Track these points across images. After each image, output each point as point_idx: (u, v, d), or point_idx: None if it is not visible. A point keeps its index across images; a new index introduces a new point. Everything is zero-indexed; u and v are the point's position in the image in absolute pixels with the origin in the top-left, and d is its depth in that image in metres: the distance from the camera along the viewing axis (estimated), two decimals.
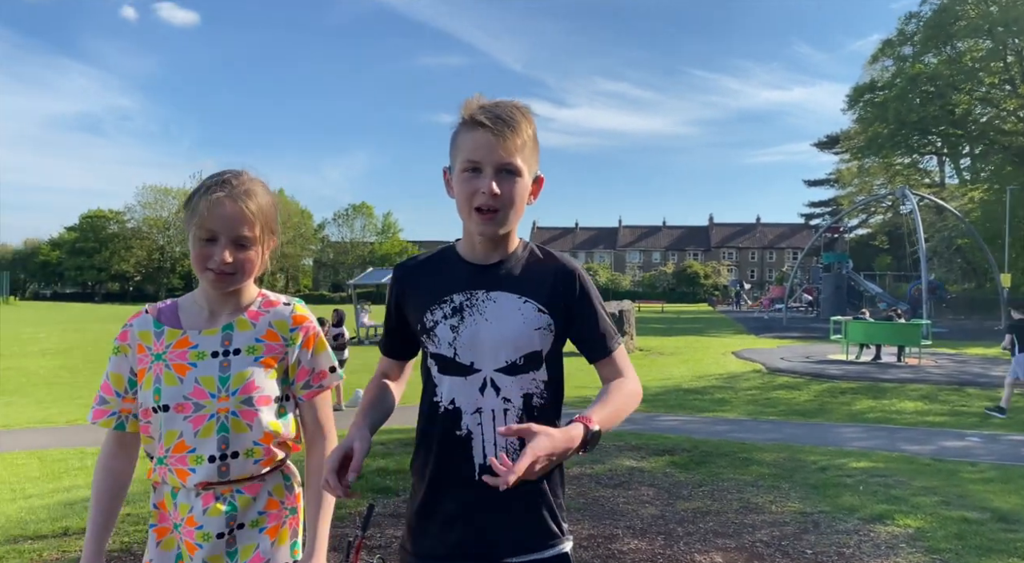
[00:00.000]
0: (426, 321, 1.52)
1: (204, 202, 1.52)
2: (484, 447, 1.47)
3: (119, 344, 1.63)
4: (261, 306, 1.64)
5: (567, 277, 1.55)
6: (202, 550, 1.52)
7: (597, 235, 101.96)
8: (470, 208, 1.45)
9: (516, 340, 1.48)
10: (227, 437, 1.53)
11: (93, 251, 77.86)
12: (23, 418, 10.03)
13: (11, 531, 4.35)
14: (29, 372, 15.47)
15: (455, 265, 1.55)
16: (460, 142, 1.48)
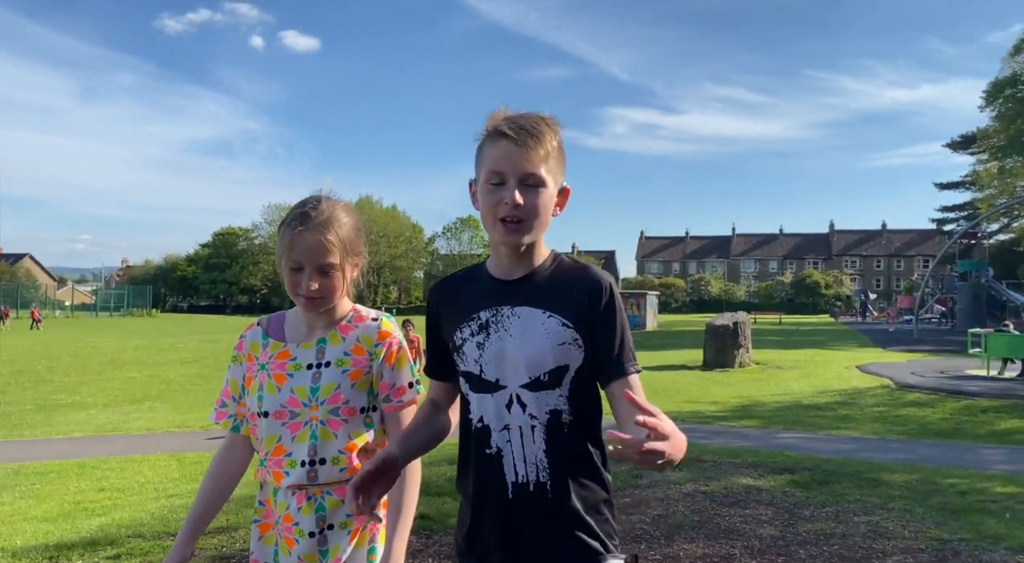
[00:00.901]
0: (456, 339, 1.52)
1: (288, 234, 1.64)
2: (515, 465, 1.45)
3: (236, 353, 1.80)
4: (352, 321, 1.74)
5: (595, 289, 1.48)
6: (298, 546, 1.63)
7: (709, 244, 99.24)
8: (494, 219, 1.44)
9: (540, 356, 1.45)
10: (316, 444, 1.64)
11: (224, 266, 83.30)
12: (164, 422, 10.82)
13: (155, 528, 4.69)
14: (168, 380, 16.69)
15: (483, 281, 1.55)
16: (484, 154, 1.47)
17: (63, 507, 5.82)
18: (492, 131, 1.46)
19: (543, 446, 1.45)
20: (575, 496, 1.45)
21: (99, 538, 4.44)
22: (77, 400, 13.23)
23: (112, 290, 79.17)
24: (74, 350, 25.42)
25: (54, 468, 7.63)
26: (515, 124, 1.43)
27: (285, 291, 1.74)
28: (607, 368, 1.47)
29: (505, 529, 1.46)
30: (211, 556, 4.02)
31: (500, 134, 1.44)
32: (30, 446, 9.12)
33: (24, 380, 16.30)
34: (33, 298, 67.39)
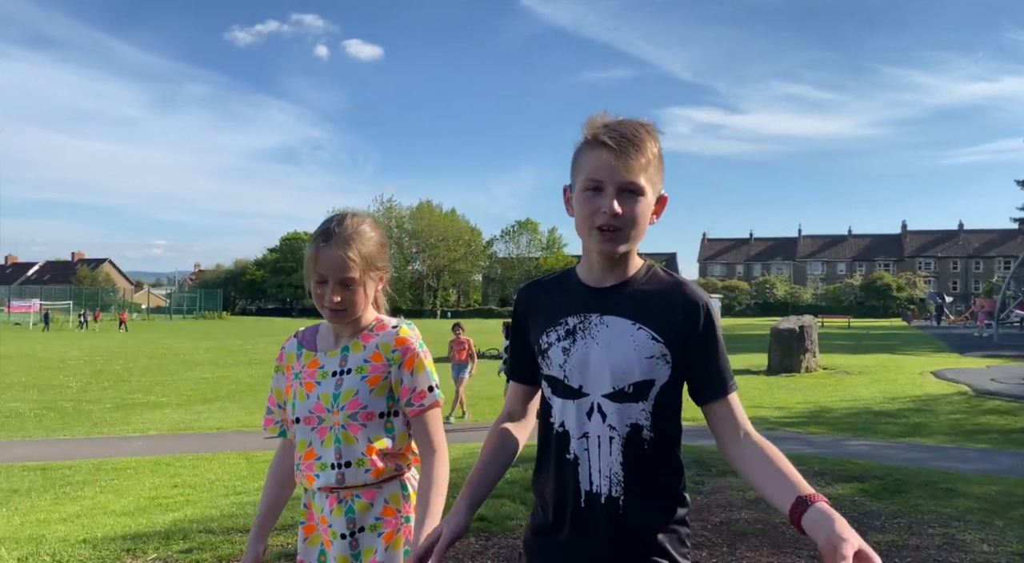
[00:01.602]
0: (542, 343, 1.52)
1: (313, 249, 1.74)
2: (591, 473, 1.44)
3: (277, 363, 1.90)
4: (374, 329, 1.81)
5: (691, 307, 1.45)
6: (334, 547, 1.72)
7: (774, 246, 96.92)
8: (591, 227, 1.42)
9: (625, 367, 1.43)
10: (340, 448, 1.71)
11: (291, 270, 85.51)
12: (234, 422, 11.18)
13: (224, 523, 4.85)
14: (238, 380, 17.23)
15: (573, 287, 1.53)
16: (582, 161, 1.45)
17: (139, 502, 6.08)
18: (591, 139, 1.43)
19: (619, 458, 1.43)
20: (648, 515, 1.43)
21: (172, 532, 4.61)
22: (152, 399, 13.80)
23: (185, 293, 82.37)
24: (149, 351, 26.51)
25: (131, 464, 7.97)
26: (615, 132, 1.40)
27: None
28: (708, 386, 1.46)
29: (575, 536, 1.45)
30: (277, 553, 4.12)
31: (599, 142, 1.41)
32: (110, 443, 9.55)
33: (104, 380, 17.08)
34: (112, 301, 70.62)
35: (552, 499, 1.49)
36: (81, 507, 6.03)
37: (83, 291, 71.18)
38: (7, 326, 47.73)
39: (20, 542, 4.63)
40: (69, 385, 16.00)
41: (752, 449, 1.39)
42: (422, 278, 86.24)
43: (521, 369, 1.62)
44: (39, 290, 69.70)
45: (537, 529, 1.54)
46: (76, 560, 4.13)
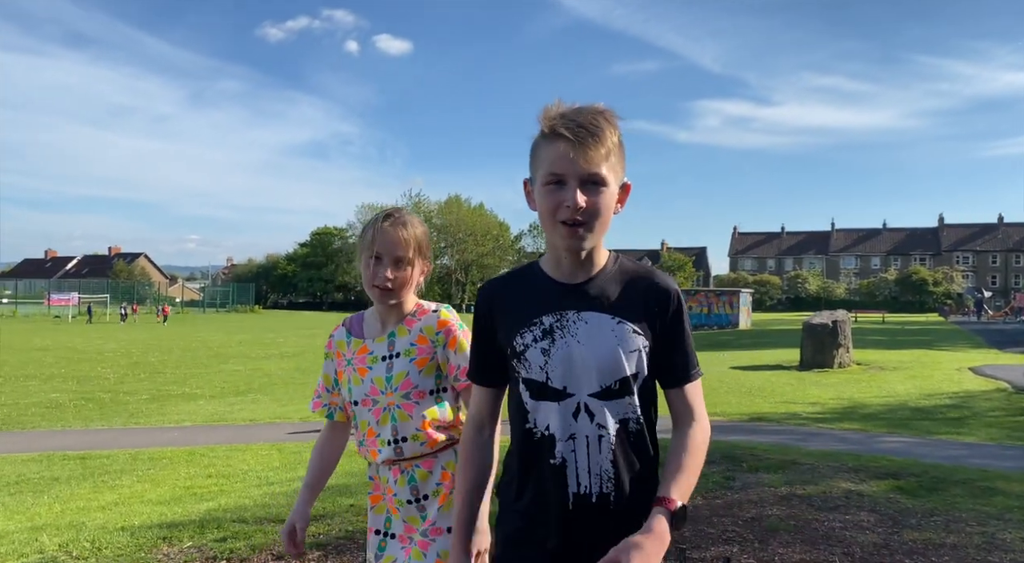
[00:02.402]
0: (516, 345, 1.46)
1: (372, 230, 1.90)
2: (578, 475, 1.41)
3: (327, 351, 2.06)
4: (416, 315, 1.95)
5: (663, 295, 1.46)
6: (401, 512, 1.92)
7: (806, 240, 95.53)
8: (555, 221, 1.39)
9: (611, 363, 1.41)
10: (396, 425, 1.88)
11: (321, 264, 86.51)
12: (266, 414, 11.34)
13: (257, 513, 4.92)
14: (270, 373, 17.49)
15: (542, 284, 1.48)
16: (541, 154, 1.41)
17: (175, 491, 6.19)
18: (548, 131, 1.39)
19: (609, 456, 1.41)
20: (639, 506, 1.41)
21: (207, 521, 4.70)
22: (187, 391, 14.05)
23: (218, 287, 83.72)
24: (184, 344, 27.00)
25: (167, 455, 8.13)
26: (572, 122, 1.36)
27: None
28: (676, 373, 1.48)
29: (566, 541, 1.42)
30: (309, 543, 4.17)
31: (557, 134, 1.37)
32: (146, 433, 9.75)
33: (140, 372, 17.44)
34: (148, 295, 71.98)
35: (532, 507, 1.45)
36: (119, 495, 6.17)
37: (120, 285, 72.72)
38: (47, 319, 48.92)
39: (61, 529, 4.75)
40: (107, 376, 16.36)
41: (678, 440, 1.45)
42: (450, 272, 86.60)
43: (490, 373, 1.55)
44: (77, 284, 71.38)
45: (516, 540, 1.48)
46: (114, 547, 4.22)
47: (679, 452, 1.43)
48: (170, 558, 4.01)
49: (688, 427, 1.46)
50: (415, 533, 1.89)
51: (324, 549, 4.08)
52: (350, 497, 5.20)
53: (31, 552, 4.20)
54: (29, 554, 4.17)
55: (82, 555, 4.10)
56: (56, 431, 10.02)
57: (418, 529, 1.89)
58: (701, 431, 1.46)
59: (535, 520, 1.45)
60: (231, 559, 3.96)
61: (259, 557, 3.98)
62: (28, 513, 5.66)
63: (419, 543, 1.87)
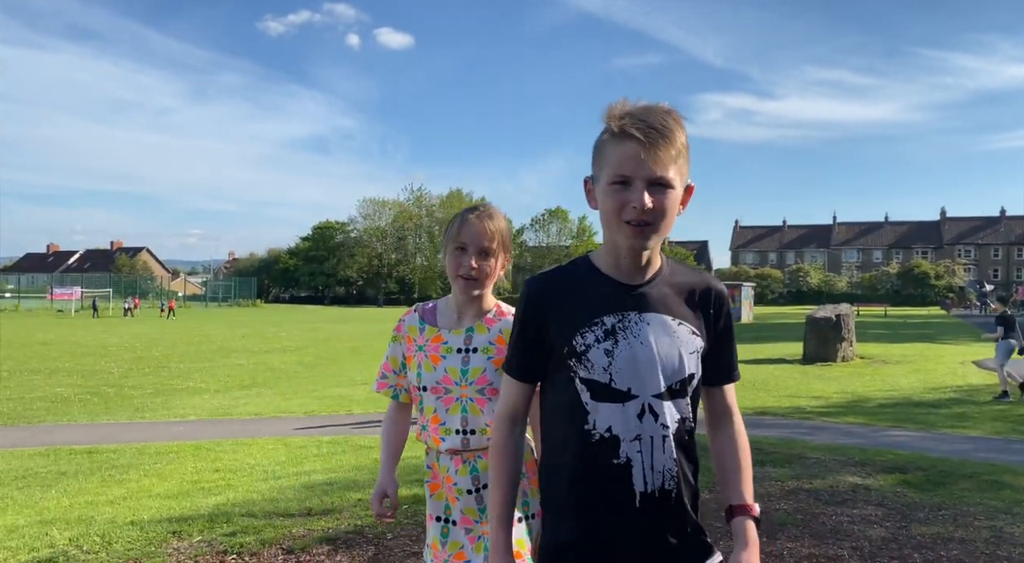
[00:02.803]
0: (576, 344, 1.43)
1: (459, 222, 1.97)
2: (644, 474, 1.41)
3: (395, 334, 2.09)
4: (496, 315, 2.00)
5: (718, 298, 1.52)
6: (459, 502, 1.94)
7: (808, 234, 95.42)
8: (620, 221, 1.39)
9: (673, 364, 1.43)
10: (467, 417, 1.92)
11: (323, 259, 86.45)
12: (270, 408, 11.35)
13: (265, 507, 4.93)
14: (273, 367, 17.50)
15: (600, 283, 1.47)
16: (608, 152, 1.40)
17: (182, 486, 6.21)
18: (618, 130, 1.38)
19: (672, 454, 1.44)
20: (690, 499, 1.47)
21: (216, 516, 4.71)
22: (191, 385, 14.07)
23: (220, 282, 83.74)
24: (187, 338, 27.02)
25: (173, 449, 8.15)
26: (643, 123, 1.35)
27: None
28: (723, 371, 1.55)
29: (634, 540, 1.42)
30: (318, 537, 4.19)
31: (626, 134, 1.36)
32: (151, 428, 9.77)
33: (144, 366, 17.46)
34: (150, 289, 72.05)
35: (593, 508, 1.43)
36: (127, 490, 6.18)
37: (122, 279, 72.78)
38: (50, 313, 48.99)
39: (70, 523, 4.77)
40: (111, 371, 16.38)
41: (728, 443, 1.55)
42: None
43: (532, 369, 1.53)
44: (80, 278, 71.44)
45: (575, 545, 1.44)
46: (124, 541, 4.23)
47: (736, 453, 1.52)
48: (180, 552, 4.02)
49: (732, 426, 1.55)
50: (473, 525, 1.92)
51: (334, 543, 4.09)
52: (357, 492, 5.21)
53: (42, 546, 4.21)
54: (40, 548, 4.18)
55: (92, 549, 4.11)
56: (62, 425, 10.05)
57: (477, 522, 1.92)
58: (743, 429, 1.56)
59: (603, 520, 1.42)
60: (241, 553, 3.97)
61: (269, 551, 3.99)
62: (37, 507, 5.68)
63: (484, 535, 1.89)
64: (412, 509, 4.70)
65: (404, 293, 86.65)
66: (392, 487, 2.08)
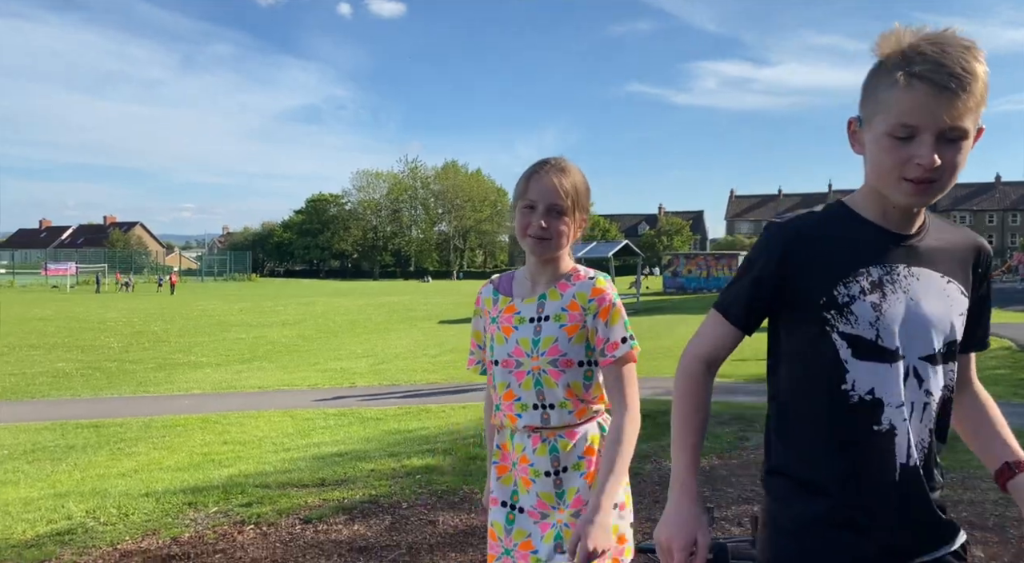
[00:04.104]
0: (838, 295, 1.27)
1: (526, 177, 1.80)
2: (909, 445, 1.26)
3: (476, 308, 1.98)
4: (571, 280, 1.82)
5: (985, 256, 1.37)
6: (535, 485, 1.78)
7: (803, 202, 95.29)
8: (898, 177, 1.22)
9: (943, 325, 1.29)
10: (542, 390, 1.77)
11: (317, 232, 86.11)
12: (273, 381, 11.38)
13: (278, 478, 4.96)
14: (273, 341, 17.51)
15: (864, 231, 1.31)
16: (888, 97, 1.21)
17: (193, 458, 6.23)
18: (906, 74, 1.18)
19: (931, 425, 1.30)
20: (939, 473, 1.34)
21: (230, 487, 4.73)
22: (192, 359, 14.08)
23: (215, 256, 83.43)
24: (185, 313, 26.99)
25: (180, 422, 8.17)
26: (937, 65, 1.16)
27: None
28: (979, 336, 1.42)
29: (891, 515, 1.28)
30: (334, 507, 4.22)
31: (916, 75, 1.17)
32: (156, 402, 9.79)
33: (143, 340, 17.46)
34: (145, 264, 71.77)
35: (849, 481, 1.28)
36: (137, 463, 6.21)
37: (117, 254, 72.46)
38: (45, 289, 48.80)
39: (85, 496, 4.79)
40: (111, 346, 16.38)
41: (975, 403, 1.43)
42: (448, 239, 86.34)
43: (754, 318, 1.37)
44: (75, 253, 71.07)
45: (824, 520, 1.28)
46: (141, 512, 4.26)
47: (990, 410, 1.43)
48: (197, 523, 4.04)
49: (976, 389, 1.45)
50: (550, 511, 1.77)
51: (350, 513, 4.12)
52: (369, 462, 5.24)
53: (59, 518, 4.24)
54: (57, 520, 4.21)
55: (110, 521, 4.14)
56: (66, 400, 10.06)
57: (555, 508, 1.77)
58: (987, 393, 1.46)
59: (855, 495, 1.28)
60: (259, 523, 4.00)
61: (287, 521, 4.02)
62: (49, 480, 5.70)
63: (571, 524, 1.72)
64: (426, 478, 4.74)
65: (400, 266, 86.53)
66: None
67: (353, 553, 3.55)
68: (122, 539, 3.82)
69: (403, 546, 3.60)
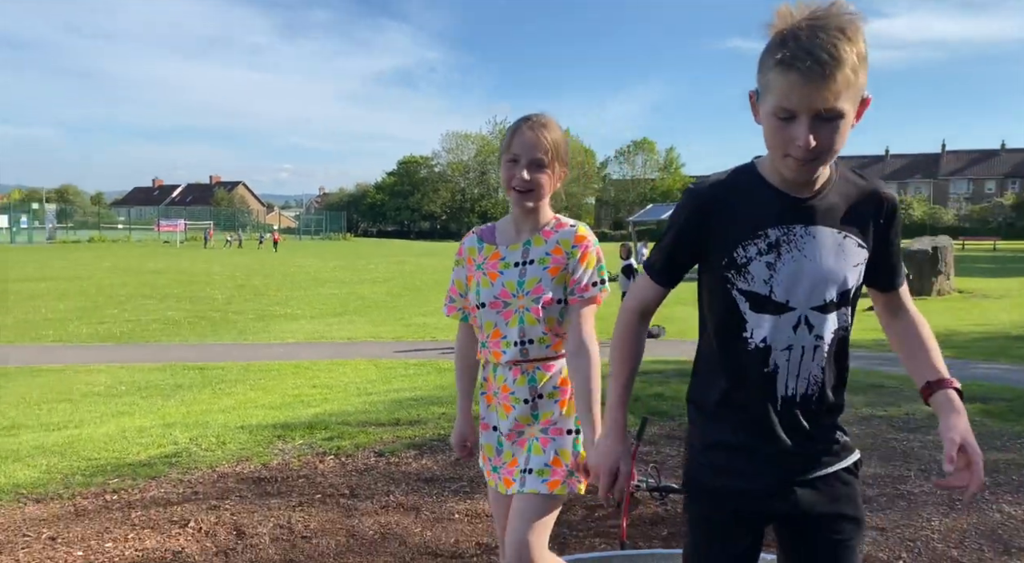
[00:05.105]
0: (737, 257, 1.42)
1: (511, 132, 1.96)
2: (787, 381, 1.44)
3: (457, 258, 2.13)
4: (554, 227, 1.99)
5: (888, 206, 1.47)
6: (514, 410, 1.97)
7: (912, 163, 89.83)
8: (783, 154, 1.34)
9: (835, 277, 1.42)
10: (524, 328, 1.94)
11: (408, 193, 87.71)
12: (362, 333, 12.00)
13: (358, 418, 5.37)
14: (363, 297, 18.29)
15: (765, 194, 1.43)
16: (769, 79, 1.31)
17: (284, 399, 6.78)
18: (781, 58, 1.27)
19: (820, 363, 1.45)
20: (832, 402, 1.49)
21: (315, 423, 5.18)
22: (289, 312, 14.95)
23: (311, 216, 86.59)
24: (283, 269, 28.40)
25: (275, 367, 8.82)
26: (806, 51, 1.24)
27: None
28: (894, 276, 1.53)
29: (774, 440, 1.45)
30: (406, 443, 4.57)
31: (789, 65, 1.26)
32: (255, 349, 10.54)
33: (245, 293, 18.59)
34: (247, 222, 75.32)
35: (740, 412, 1.47)
36: (235, 401, 6.81)
37: (221, 212, 76.39)
38: (157, 243, 52.16)
39: (189, 426, 5.35)
40: (216, 297, 17.55)
41: (907, 329, 1.53)
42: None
43: (675, 275, 1.54)
44: (184, 211, 75.39)
45: (721, 445, 1.49)
46: (237, 441, 4.74)
47: (919, 333, 1.52)
48: (285, 453, 4.48)
49: (910, 314, 1.55)
50: (525, 428, 1.96)
51: (419, 449, 4.46)
52: (440, 406, 5.58)
53: (167, 444, 4.77)
54: (166, 445, 4.74)
55: (209, 448, 4.64)
56: (175, 345, 10.97)
57: (529, 426, 1.95)
58: (922, 317, 1.55)
59: (749, 423, 1.46)
60: (338, 455, 4.40)
61: (362, 453, 4.40)
62: (159, 413, 6.35)
63: (540, 440, 1.94)
64: None
65: None
66: (471, 434, 2.16)
67: (420, 483, 3.89)
68: (220, 463, 4.29)
69: (464, 479, 3.91)
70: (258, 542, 3.19)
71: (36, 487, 3.90)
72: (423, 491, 3.78)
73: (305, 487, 3.85)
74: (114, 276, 23.27)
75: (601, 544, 3.19)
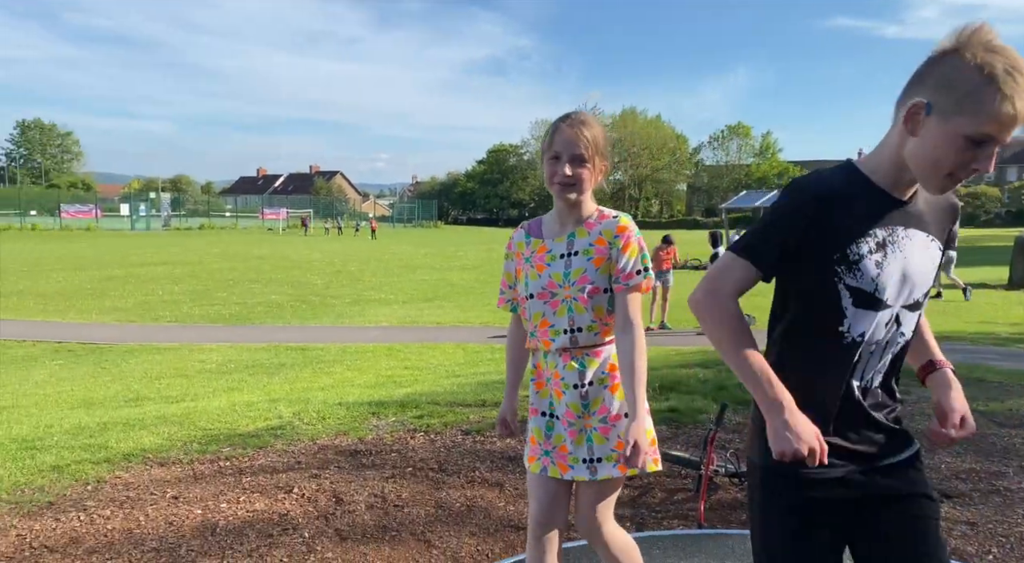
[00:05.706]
0: (850, 253, 1.47)
1: (551, 131, 2.04)
2: (864, 372, 1.53)
3: (507, 252, 2.24)
4: (597, 219, 2.08)
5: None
6: (566, 396, 2.06)
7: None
8: (949, 172, 1.40)
9: (925, 279, 1.53)
10: (573, 316, 2.03)
11: (497, 182, 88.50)
12: (451, 318, 12.34)
13: (448, 398, 5.61)
14: (453, 283, 18.72)
15: (874, 196, 1.50)
16: (982, 106, 1.32)
17: (378, 379, 7.13)
18: (1012, 97, 1.30)
19: (895, 358, 1.56)
20: (897, 391, 1.60)
21: (407, 402, 5.45)
22: (382, 297, 15.51)
23: (404, 204, 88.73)
24: (377, 256, 29.35)
25: (369, 349, 9.23)
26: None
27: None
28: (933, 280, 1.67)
29: (847, 420, 1.53)
30: (491, 423, 4.76)
31: (1014, 103, 1.30)
32: (351, 331, 11.04)
33: (342, 279, 19.37)
34: (344, 211, 77.94)
35: (818, 402, 1.51)
36: (333, 380, 7.20)
37: (320, 201, 79.40)
38: (262, 231, 54.80)
39: (292, 402, 5.72)
40: (315, 282, 18.37)
41: (921, 324, 1.64)
42: (623, 188, 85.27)
43: (780, 266, 1.53)
44: (286, 199, 78.75)
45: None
46: (335, 416, 5.06)
47: (921, 325, 1.67)
48: (379, 428, 4.75)
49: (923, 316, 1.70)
50: (575, 419, 2.03)
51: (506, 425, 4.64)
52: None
53: (272, 417, 5.14)
54: (271, 418, 5.11)
55: (311, 422, 4.97)
56: (279, 327, 11.61)
57: (581, 417, 2.03)
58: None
59: (825, 412, 1.51)
60: (427, 432, 4.63)
61: (450, 431, 4.62)
62: (265, 389, 6.80)
63: (600, 429, 2.02)
64: None
65: None
66: (512, 414, 2.30)
67: (503, 460, 4.06)
68: (320, 436, 4.60)
69: None
70: (355, 508, 3.44)
71: (160, 452, 4.31)
72: (507, 468, 3.95)
73: (397, 460, 4.10)
74: (223, 261, 24.70)
75: (679, 526, 3.28)
